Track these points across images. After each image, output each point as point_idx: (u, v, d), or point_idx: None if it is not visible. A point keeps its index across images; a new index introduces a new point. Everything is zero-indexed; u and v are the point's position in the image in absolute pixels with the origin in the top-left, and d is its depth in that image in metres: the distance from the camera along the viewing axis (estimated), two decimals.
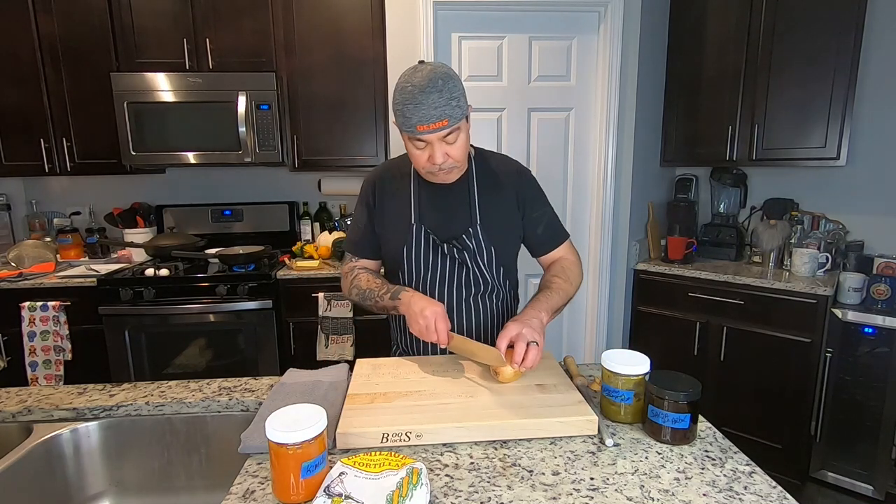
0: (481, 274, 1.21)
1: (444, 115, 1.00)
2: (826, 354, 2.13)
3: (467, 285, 1.21)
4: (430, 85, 0.99)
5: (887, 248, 2.36)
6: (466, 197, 1.19)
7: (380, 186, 1.22)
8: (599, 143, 2.45)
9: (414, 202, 1.19)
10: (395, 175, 1.23)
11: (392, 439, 0.86)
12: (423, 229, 1.18)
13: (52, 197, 2.88)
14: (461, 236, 1.18)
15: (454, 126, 1.03)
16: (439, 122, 1.00)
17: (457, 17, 2.32)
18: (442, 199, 1.19)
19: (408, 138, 1.06)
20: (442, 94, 0.99)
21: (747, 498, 0.73)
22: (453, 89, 1.01)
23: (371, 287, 1.17)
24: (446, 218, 1.19)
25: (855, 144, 2.37)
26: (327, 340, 2.37)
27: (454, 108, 1.01)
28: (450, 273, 1.20)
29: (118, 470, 1.04)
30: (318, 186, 2.80)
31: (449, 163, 1.07)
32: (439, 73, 1.01)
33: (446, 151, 1.05)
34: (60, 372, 2.27)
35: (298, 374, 1.10)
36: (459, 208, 1.19)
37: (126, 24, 2.40)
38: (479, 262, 1.19)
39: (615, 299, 2.59)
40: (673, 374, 0.90)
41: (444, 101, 0.99)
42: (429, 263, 1.19)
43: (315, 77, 2.47)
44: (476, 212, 1.18)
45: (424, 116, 0.99)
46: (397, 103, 1.02)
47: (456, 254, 1.18)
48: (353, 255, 1.28)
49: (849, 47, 2.12)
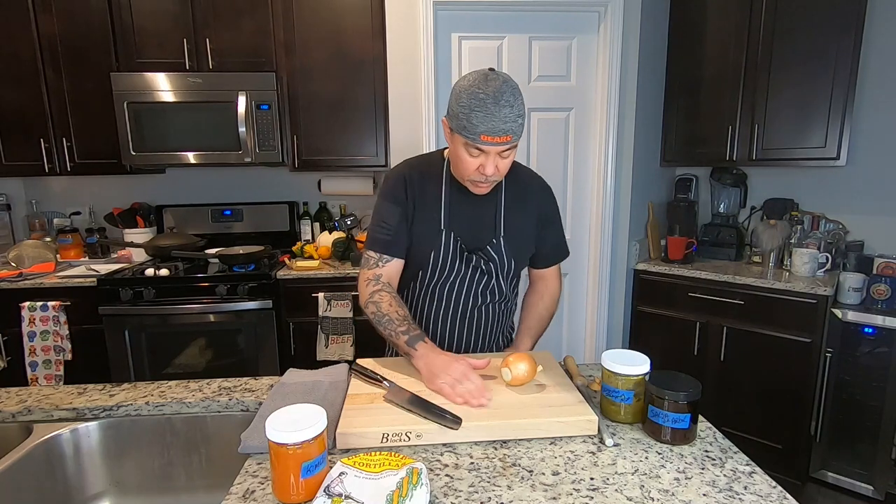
0: (499, 284, 1.23)
1: (510, 131, 1.00)
2: (826, 354, 2.13)
3: (484, 294, 1.22)
4: (505, 98, 0.98)
5: (887, 248, 2.36)
6: (493, 208, 1.19)
7: (410, 184, 1.18)
8: (599, 143, 2.45)
9: (444, 207, 1.17)
10: (425, 176, 1.20)
11: (392, 439, 0.86)
12: (452, 235, 1.17)
13: (52, 197, 2.88)
14: (486, 247, 1.18)
15: (516, 143, 1.04)
16: (506, 136, 1.00)
17: (457, 17, 2.32)
18: (470, 208, 1.18)
19: (463, 143, 1.04)
20: (513, 109, 0.99)
21: (747, 498, 0.73)
22: (521, 106, 1.02)
23: (391, 315, 1.11)
24: (474, 226, 1.19)
25: (855, 144, 2.37)
26: (327, 340, 2.37)
27: (520, 126, 1.02)
28: (470, 280, 1.20)
29: (118, 470, 1.04)
30: (318, 186, 2.80)
31: (495, 176, 1.07)
32: (512, 86, 1.01)
33: (497, 164, 1.05)
34: (60, 372, 2.27)
35: (298, 374, 1.10)
36: (486, 218, 1.19)
37: (126, 24, 2.40)
38: (500, 273, 1.21)
39: (615, 299, 2.59)
40: (673, 374, 0.90)
41: (514, 117, 1.00)
42: (453, 269, 1.19)
43: (315, 77, 2.47)
44: (501, 224, 1.19)
45: (493, 128, 0.98)
46: (463, 107, 1.00)
47: (482, 264, 1.19)
48: (384, 253, 1.18)
49: (849, 47, 2.12)
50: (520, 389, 0.99)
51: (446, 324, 1.24)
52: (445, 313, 1.24)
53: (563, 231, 1.32)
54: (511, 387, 1.00)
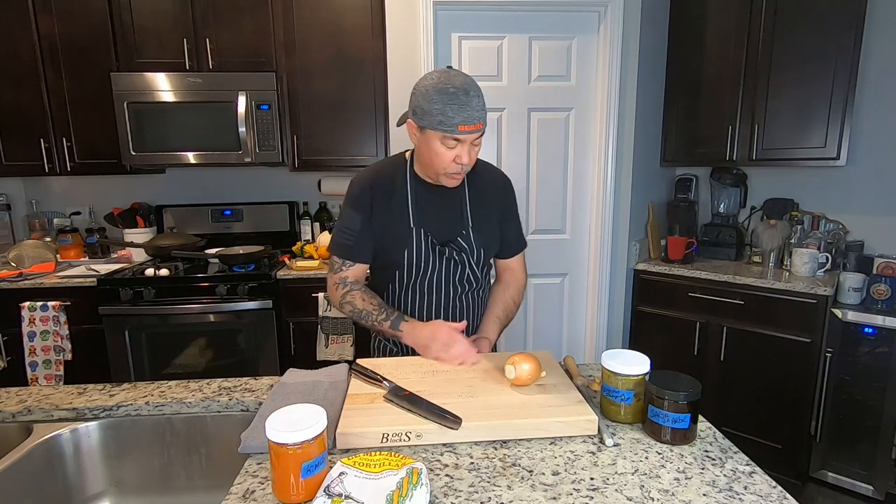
0: (473, 273, 1.28)
1: (481, 119, 1.09)
2: (826, 354, 2.13)
3: (462, 284, 1.28)
4: (472, 89, 1.07)
5: (887, 248, 2.36)
6: (458, 201, 1.25)
7: (373, 190, 1.23)
8: (599, 143, 2.45)
9: (412, 205, 1.22)
10: (388, 179, 1.24)
11: (392, 439, 0.86)
12: (422, 231, 1.22)
13: (52, 197, 2.88)
14: (456, 238, 1.24)
15: (484, 130, 1.12)
16: (479, 123, 1.08)
17: (457, 17, 2.32)
18: (437, 203, 1.24)
19: (440, 137, 1.09)
20: (480, 98, 1.09)
21: (747, 498, 0.73)
22: (483, 94, 1.11)
23: (367, 309, 1.21)
24: (442, 221, 1.24)
25: (855, 144, 2.37)
26: (327, 340, 2.37)
27: (485, 114, 1.11)
28: (446, 272, 1.25)
29: (118, 470, 1.04)
30: (318, 186, 2.80)
31: (469, 165, 1.14)
32: (471, 79, 1.10)
33: (470, 153, 1.12)
34: (60, 372, 2.27)
35: (298, 374, 1.10)
36: (453, 212, 1.25)
37: (126, 24, 2.40)
38: (472, 262, 1.26)
39: (615, 299, 2.59)
40: (673, 374, 0.90)
41: (482, 105, 1.09)
42: (428, 264, 1.23)
43: (315, 77, 2.47)
44: (468, 216, 1.25)
45: (469, 117, 1.06)
46: (435, 103, 1.06)
47: (455, 255, 1.24)
48: (346, 259, 1.24)
49: (849, 47, 2.12)
50: (520, 389, 0.99)
51: (430, 318, 1.28)
52: (428, 308, 1.28)
53: (520, 222, 1.38)
54: (513, 387, 1.00)
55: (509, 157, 2.47)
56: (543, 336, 2.67)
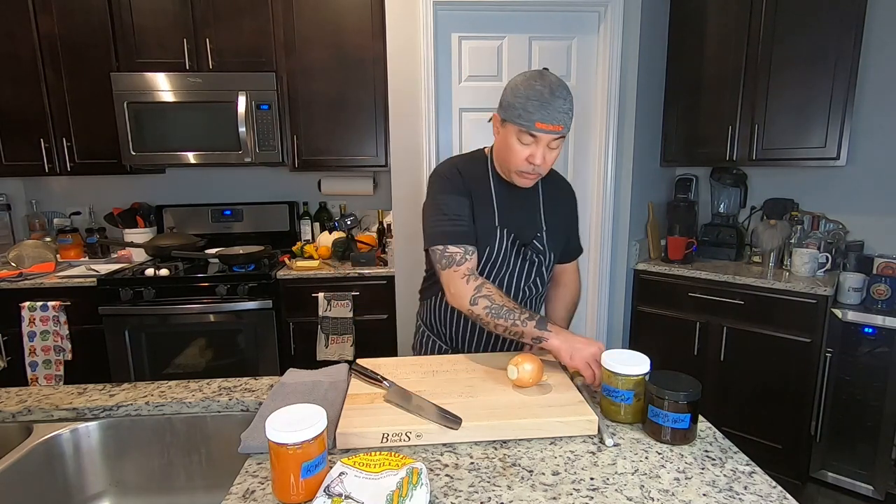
0: (542, 277, 1.30)
1: (563, 121, 1.09)
2: (826, 354, 2.12)
3: (534, 285, 1.29)
4: (559, 91, 1.08)
5: (887, 248, 2.36)
6: (535, 204, 1.27)
7: (464, 178, 1.21)
8: (599, 143, 2.45)
9: (496, 201, 1.22)
10: (474, 172, 1.23)
11: (392, 439, 0.86)
12: (506, 231, 1.22)
13: (52, 197, 2.88)
14: (532, 241, 1.25)
15: (565, 134, 1.11)
16: (559, 125, 1.08)
17: (457, 17, 2.32)
18: (516, 204, 1.24)
19: (516, 132, 1.10)
20: (566, 101, 1.09)
21: (747, 498, 0.73)
22: (572, 103, 1.11)
23: (508, 306, 1.09)
24: (522, 222, 1.25)
25: (855, 144, 2.37)
26: (327, 340, 2.37)
27: (570, 119, 1.10)
28: (520, 273, 1.26)
29: (118, 470, 1.04)
30: (318, 186, 2.80)
31: (542, 167, 1.14)
32: (565, 85, 1.10)
33: (545, 155, 1.12)
34: (60, 372, 2.27)
35: (298, 374, 1.10)
36: (530, 214, 1.26)
37: (126, 24, 2.40)
38: (545, 264, 1.29)
39: (615, 299, 2.59)
40: (673, 374, 0.90)
41: (567, 109, 1.09)
42: (507, 264, 1.23)
43: (315, 77, 2.47)
44: (542, 220, 1.27)
45: (548, 116, 1.07)
46: (520, 97, 1.08)
47: (534, 256, 1.26)
48: (467, 245, 1.15)
49: (849, 47, 2.12)
50: (520, 389, 0.99)
51: None
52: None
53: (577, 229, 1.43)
54: (515, 387, 1.00)
55: None
56: None
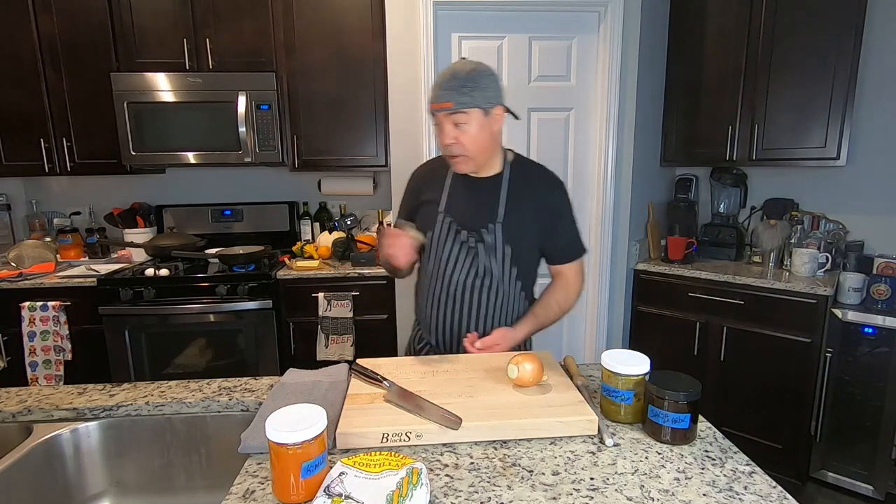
0: (490, 268, 1.26)
1: (451, 98, 1.12)
2: (826, 354, 2.12)
3: (475, 275, 1.27)
4: (457, 72, 1.12)
5: (887, 248, 2.36)
6: (495, 194, 1.26)
7: (423, 178, 1.35)
8: (599, 143, 2.45)
9: (446, 193, 1.29)
10: (438, 167, 1.32)
11: (392, 439, 0.86)
12: (447, 218, 1.27)
13: (52, 197, 2.88)
14: (480, 229, 1.25)
15: (458, 110, 1.12)
16: (445, 102, 1.12)
17: (457, 17, 2.32)
18: (472, 193, 1.28)
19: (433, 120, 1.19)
20: (457, 80, 1.12)
21: (747, 498, 0.73)
22: (472, 80, 1.12)
23: None
24: (472, 209, 1.27)
25: (855, 144, 2.37)
26: (327, 340, 2.37)
27: (463, 95, 1.11)
28: (462, 260, 1.27)
29: (118, 470, 1.04)
30: (318, 186, 2.80)
31: (457, 148, 1.16)
32: (470, 65, 1.15)
33: (456, 136, 1.15)
34: (60, 372, 2.27)
35: (298, 374, 1.10)
36: (485, 204, 1.26)
37: (126, 24, 2.40)
38: (493, 255, 1.25)
39: (615, 299, 2.59)
40: (673, 374, 0.90)
41: (457, 86, 1.11)
42: (447, 249, 1.27)
43: (315, 77, 2.47)
44: (500, 210, 1.25)
45: (436, 96, 1.14)
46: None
47: (471, 242, 1.25)
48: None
49: (849, 47, 2.12)
50: (520, 389, 0.99)
51: (443, 306, 1.30)
52: (442, 295, 1.29)
53: (577, 229, 1.36)
54: (515, 387, 1.00)
55: None
56: (543, 336, 2.66)
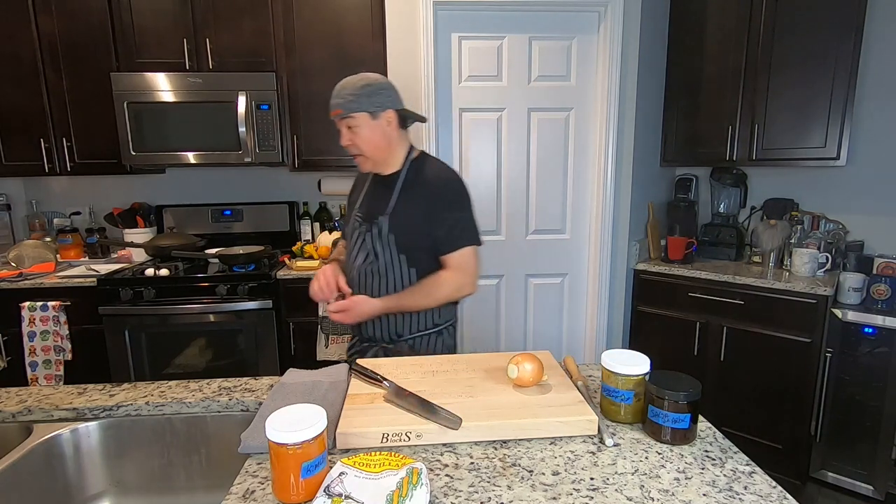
0: (376, 253, 1.36)
1: (340, 105, 1.28)
2: (826, 354, 2.12)
3: (367, 260, 1.38)
4: (346, 83, 1.28)
5: (887, 248, 2.36)
6: (393, 189, 1.37)
7: (354, 185, 1.53)
8: (599, 143, 2.45)
9: (363, 193, 1.44)
10: (366, 173, 1.47)
11: (392, 439, 0.86)
12: (357, 213, 1.42)
13: (52, 197, 2.88)
14: (373, 220, 1.37)
15: (347, 115, 1.28)
16: (336, 109, 1.29)
17: (457, 17, 2.32)
18: (376, 189, 1.41)
19: None
20: (347, 89, 1.27)
21: (747, 498, 0.73)
22: (360, 89, 1.27)
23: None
24: (373, 204, 1.40)
25: (855, 144, 2.37)
26: (327, 340, 2.37)
27: (350, 102, 1.27)
28: (354, 244, 1.41)
29: (118, 470, 1.04)
30: (318, 186, 2.80)
31: (354, 148, 1.32)
32: (364, 76, 1.29)
33: (350, 138, 1.31)
34: (60, 372, 2.27)
35: (298, 374, 1.10)
36: (383, 197, 1.38)
37: (126, 24, 2.40)
38: (377, 241, 1.35)
39: (615, 299, 2.59)
40: (673, 374, 0.90)
41: (346, 94, 1.27)
42: (352, 240, 1.42)
43: (315, 77, 2.47)
44: (392, 203, 1.35)
45: (330, 104, 1.30)
46: None
47: (364, 231, 1.38)
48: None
49: (849, 47, 2.12)
50: (520, 389, 0.99)
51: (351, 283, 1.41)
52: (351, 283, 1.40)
53: (466, 221, 1.36)
54: (515, 387, 1.00)
55: (509, 157, 2.47)
56: (543, 336, 2.67)
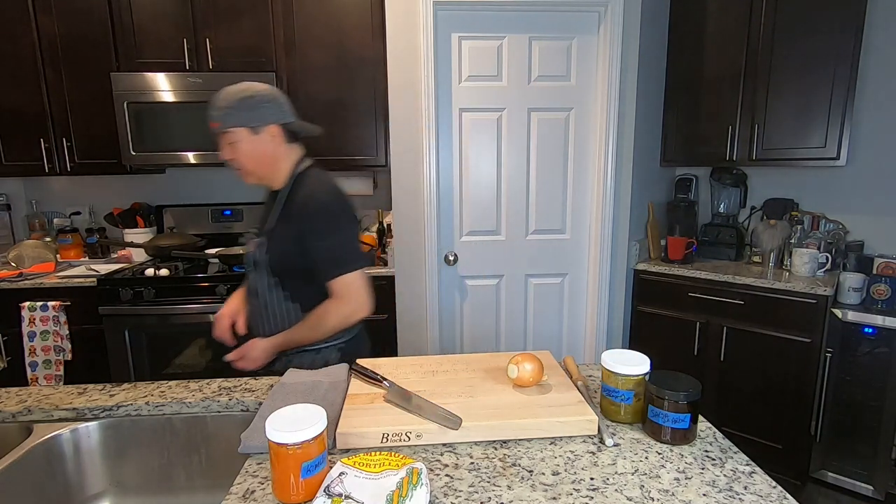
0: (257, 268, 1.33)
1: (218, 119, 1.21)
2: (826, 354, 2.13)
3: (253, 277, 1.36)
4: (225, 94, 1.20)
5: (887, 248, 2.36)
6: (275, 208, 1.32)
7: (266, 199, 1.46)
8: (599, 143, 2.45)
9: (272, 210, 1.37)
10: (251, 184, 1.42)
11: (392, 439, 0.86)
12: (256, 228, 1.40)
13: (52, 197, 2.88)
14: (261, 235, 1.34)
15: (224, 130, 1.22)
16: (214, 122, 1.22)
17: (457, 17, 2.32)
18: (268, 203, 1.38)
19: None
20: (225, 101, 1.19)
21: (747, 498, 0.73)
22: (239, 102, 1.19)
23: None
24: (263, 217, 1.38)
25: (855, 144, 2.37)
26: None
27: (228, 116, 1.20)
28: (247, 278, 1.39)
29: (118, 470, 1.04)
30: None
31: (235, 163, 1.27)
32: (246, 86, 1.21)
33: (230, 152, 1.25)
34: (60, 372, 2.27)
35: (298, 374, 1.10)
36: (268, 216, 1.34)
37: (126, 24, 2.40)
38: (256, 259, 1.33)
39: (615, 299, 2.59)
40: (673, 374, 0.90)
41: (224, 107, 1.19)
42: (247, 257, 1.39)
43: (315, 77, 2.47)
44: (271, 223, 1.31)
45: (209, 115, 1.22)
46: None
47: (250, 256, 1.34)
48: None
49: (849, 48, 2.12)
50: (520, 389, 0.99)
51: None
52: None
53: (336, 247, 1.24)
54: (515, 387, 1.00)
55: (509, 157, 2.47)
56: (543, 336, 2.67)
